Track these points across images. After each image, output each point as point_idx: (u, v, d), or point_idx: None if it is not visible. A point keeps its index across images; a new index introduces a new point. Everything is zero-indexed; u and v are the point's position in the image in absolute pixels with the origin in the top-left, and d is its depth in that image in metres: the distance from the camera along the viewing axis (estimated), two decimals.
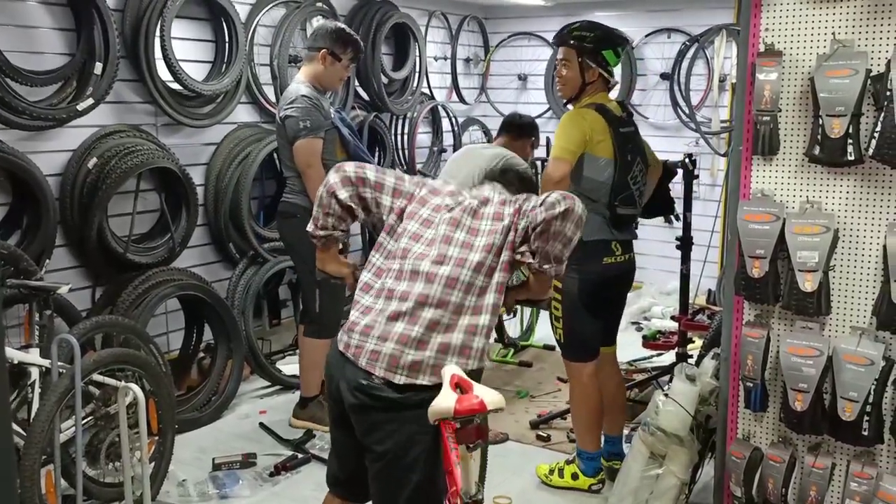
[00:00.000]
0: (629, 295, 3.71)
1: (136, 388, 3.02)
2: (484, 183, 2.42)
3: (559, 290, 3.35)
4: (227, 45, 4.66)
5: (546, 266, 2.21)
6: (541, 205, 2.17)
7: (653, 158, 3.57)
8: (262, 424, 4.18)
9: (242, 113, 4.89)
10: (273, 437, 4.05)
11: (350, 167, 2.32)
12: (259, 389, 4.69)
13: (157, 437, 3.30)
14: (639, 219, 3.56)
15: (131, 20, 4.14)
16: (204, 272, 4.59)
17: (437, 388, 2.04)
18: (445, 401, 1.96)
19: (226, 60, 4.65)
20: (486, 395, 1.97)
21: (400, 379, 2.11)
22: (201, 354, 4.56)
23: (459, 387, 2.01)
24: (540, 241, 2.17)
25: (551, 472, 3.60)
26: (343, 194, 2.28)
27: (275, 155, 4.64)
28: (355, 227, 5.34)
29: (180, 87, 4.33)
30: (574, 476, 3.54)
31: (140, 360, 3.26)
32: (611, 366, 3.60)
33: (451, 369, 2.05)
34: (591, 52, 3.32)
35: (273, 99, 4.95)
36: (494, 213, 2.25)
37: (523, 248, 2.19)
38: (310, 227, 2.38)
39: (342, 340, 2.23)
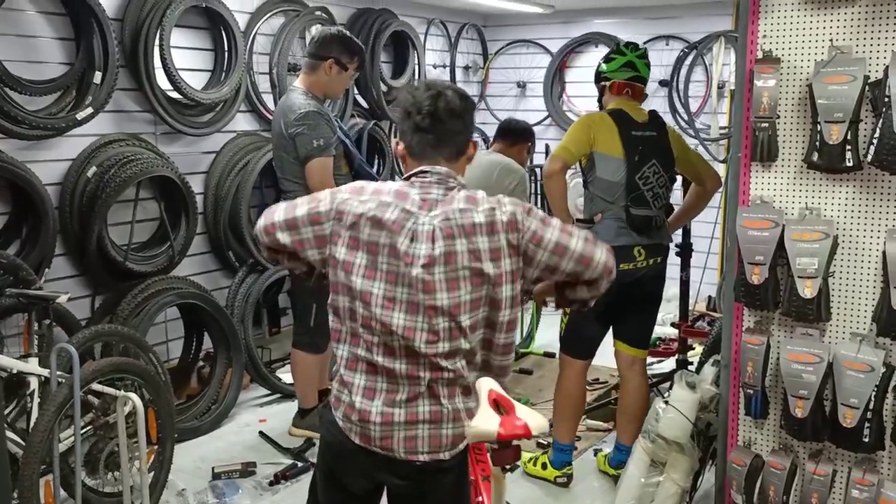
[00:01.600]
0: None
1: (135, 397, 3.02)
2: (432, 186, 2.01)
3: None
4: (226, 53, 4.66)
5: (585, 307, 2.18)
6: (597, 268, 2.00)
7: (703, 168, 3.62)
8: (261, 433, 4.18)
9: (242, 121, 4.90)
10: (273, 445, 4.04)
11: (262, 235, 2.08)
12: (259, 398, 4.68)
13: (156, 447, 3.29)
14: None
15: (130, 29, 4.15)
16: (203, 280, 4.58)
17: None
18: (487, 423, 1.82)
19: (225, 69, 4.66)
20: (530, 419, 1.85)
21: (446, 455, 1.96)
22: (201, 363, 4.56)
23: (498, 404, 1.91)
24: (590, 292, 2.09)
25: (531, 459, 3.75)
26: (283, 239, 2.03)
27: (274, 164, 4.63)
28: None
29: (179, 96, 4.33)
30: (544, 466, 3.68)
31: (139, 370, 3.25)
32: (635, 372, 3.62)
33: (488, 383, 1.96)
34: (596, 71, 3.63)
35: (272, 107, 4.95)
36: (487, 228, 1.93)
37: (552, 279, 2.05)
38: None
39: (355, 431, 1.97)
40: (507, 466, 1.96)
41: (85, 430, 3.05)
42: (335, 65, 3.71)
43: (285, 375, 4.77)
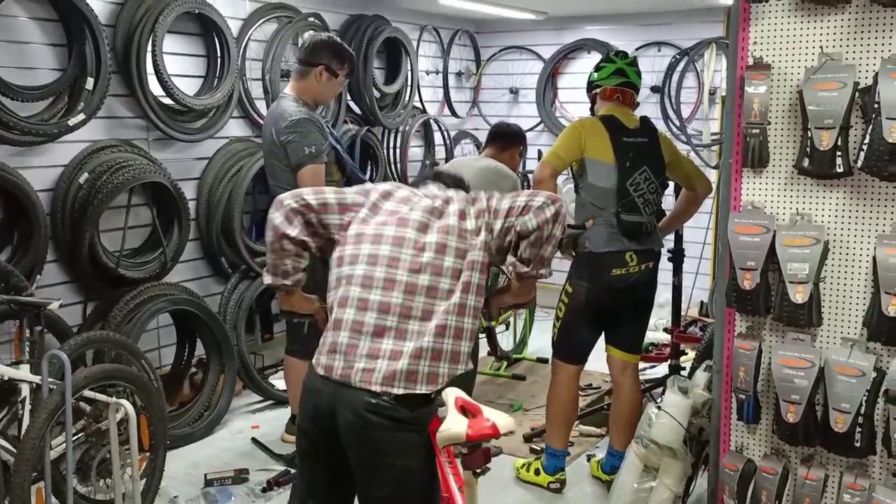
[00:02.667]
0: None
1: (127, 403, 3.01)
2: (428, 183, 2.42)
3: (568, 293, 3.50)
4: (218, 59, 4.66)
5: (541, 270, 2.23)
6: (530, 211, 2.16)
7: (694, 174, 3.65)
8: (254, 440, 4.16)
9: (234, 127, 4.90)
10: (266, 452, 4.03)
11: (288, 199, 2.25)
12: (251, 404, 4.67)
13: (148, 454, 3.28)
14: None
15: (123, 35, 4.15)
16: (196, 287, 4.57)
17: (430, 399, 2.02)
18: (456, 425, 1.89)
19: (217, 75, 4.66)
20: (497, 418, 1.91)
21: (398, 389, 2.05)
22: (193, 369, 4.54)
23: (465, 410, 1.95)
24: (533, 248, 2.18)
25: (524, 465, 3.76)
26: (293, 231, 2.22)
27: (266, 171, 4.63)
28: None
29: (172, 102, 4.33)
30: (537, 472, 3.68)
31: (131, 376, 3.24)
32: (628, 377, 3.64)
33: (454, 392, 2.00)
34: (588, 81, 3.67)
35: (265, 113, 4.94)
36: (458, 212, 2.22)
37: (511, 260, 2.20)
38: (268, 280, 2.30)
39: (322, 364, 2.15)
40: (478, 470, 1.97)
41: (76, 436, 3.03)
42: (325, 71, 3.69)
43: (278, 382, 4.76)
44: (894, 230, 2.38)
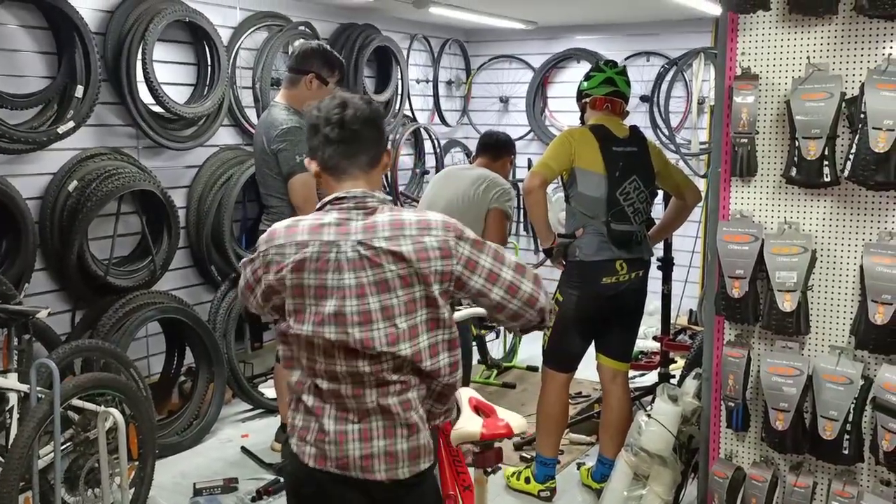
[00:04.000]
0: None
1: (116, 412, 3.00)
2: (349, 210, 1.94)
3: (558, 302, 3.51)
4: (209, 68, 4.67)
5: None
6: (518, 319, 1.94)
7: (683, 183, 3.66)
8: (244, 448, 4.15)
9: (225, 135, 4.90)
10: (255, 461, 4.02)
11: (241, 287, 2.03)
12: (241, 413, 4.66)
13: (137, 463, 3.27)
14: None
15: (113, 43, 4.14)
16: (185, 295, 4.56)
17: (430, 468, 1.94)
18: (471, 424, 1.89)
19: (208, 83, 4.66)
20: (511, 419, 1.92)
21: (404, 474, 1.87)
22: (182, 378, 4.53)
23: (479, 410, 1.96)
24: (513, 321, 1.98)
25: (514, 473, 3.75)
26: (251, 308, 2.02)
27: (257, 179, 4.63)
28: None
29: (162, 110, 4.33)
30: (527, 480, 3.68)
31: (120, 385, 3.23)
32: (618, 385, 3.65)
33: (468, 392, 2.00)
34: (577, 90, 3.68)
35: (256, 122, 4.95)
36: (412, 251, 1.85)
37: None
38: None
39: (309, 454, 1.89)
40: (490, 469, 1.97)
41: (65, 446, 3.02)
42: (316, 79, 3.67)
43: (268, 390, 4.75)
44: (881, 239, 2.40)
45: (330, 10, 5.59)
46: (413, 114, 6.51)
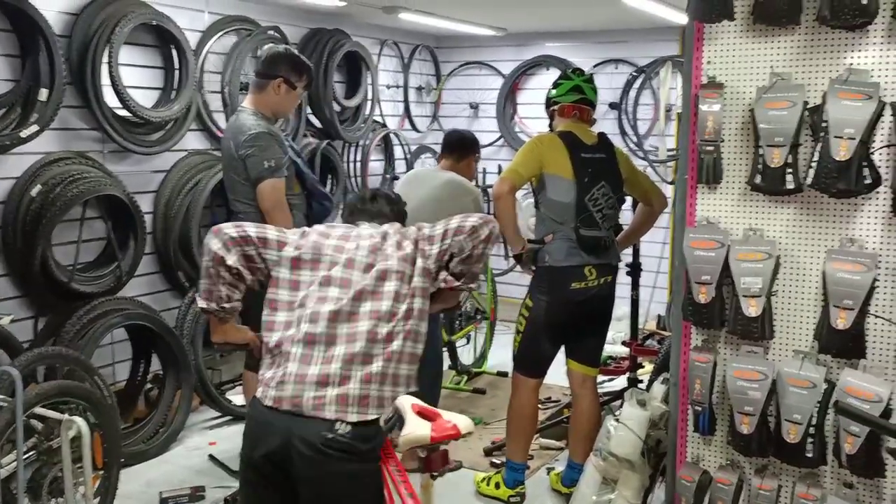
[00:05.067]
0: None
1: (80, 421, 2.95)
2: (361, 223, 2.43)
3: (528, 307, 3.53)
4: (176, 71, 4.62)
5: (471, 284, 2.33)
6: (463, 232, 2.25)
7: (651, 189, 3.72)
8: (211, 457, 4.11)
9: (192, 140, 4.85)
10: (223, 469, 3.98)
11: (229, 228, 2.24)
12: (208, 420, 4.61)
13: (101, 472, 3.22)
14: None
15: (78, 46, 4.09)
16: (152, 301, 4.50)
17: (380, 427, 2.06)
18: (419, 428, 1.92)
19: (175, 87, 4.61)
20: (457, 420, 1.95)
21: (352, 416, 2.06)
22: (149, 385, 4.46)
23: (423, 415, 1.98)
24: (464, 264, 2.27)
25: (483, 479, 3.76)
26: (231, 259, 2.21)
27: (225, 185, 4.60)
28: None
29: (128, 114, 4.27)
30: (497, 485, 3.69)
31: (84, 393, 3.18)
32: (587, 389, 3.67)
33: (408, 399, 2.03)
34: (546, 98, 3.71)
35: (224, 126, 4.91)
36: (396, 243, 2.28)
37: (444, 275, 2.26)
38: (202, 304, 2.28)
39: (270, 396, 2.12)
40: (437, 473, 1.99)
41: (28, 455, 2.96)
42: (284, 83, 3.64)
43: (236, 397, 4.70)
44: (842, 245, 2.45)
45: (299, 14, 5.57)
46: (383, 119, 6.51)
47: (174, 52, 4.59)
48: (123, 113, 4.27)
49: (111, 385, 3.97)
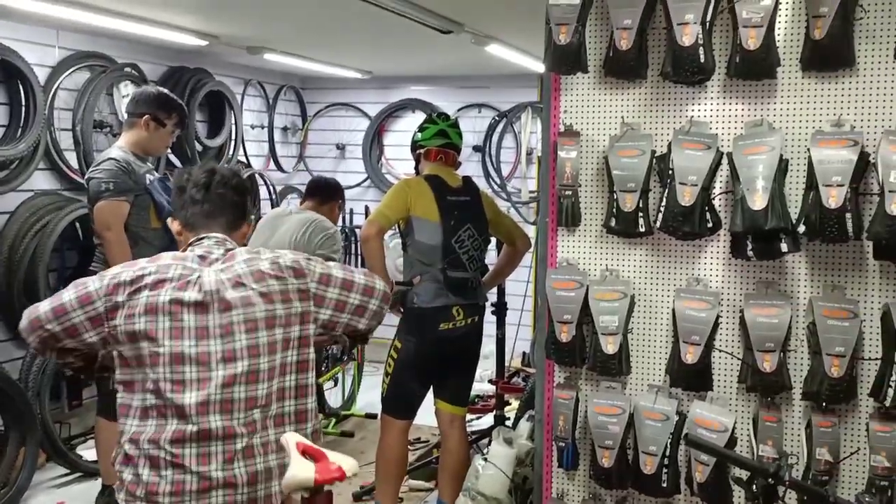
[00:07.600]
0: None
1: None
2: (203, 239, 2.10)
3: (397, 348, 3.54)
4: (23, 108, 4.37)
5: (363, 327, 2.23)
6: (364, 313, 2.17)
7: (514, 230, 3.83)
8: None
9: (40, 180, 4.58)
10: None
11: (24, 323, 2.00)
12: (56, 478, 4.31)
13: None
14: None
15: None
16: None
17: None
18: (303, 471, 1.83)
19: (22, 125, 4.37)
20: (342, 461, 1.88)
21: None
22: None
23: (307, 454, 1.91)
24: (364, 320, 2.20)
25: None
26: (57, 351, 2.00)
27: (77, 224, 4.38)
28: None
29: None
30: None
31: None
32: (456, 429, 3.69)
33: (294, 437, 1.94)
34: (412, 141, 3.77)
35: (76, 166, 4.68)
36: (265, 295, 2.01)
37: (338, 332, 2.19)
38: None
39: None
40: None
41: None
42: (151, 120, 3.70)
43: (86, 452, 4.41)
44: (689, 284, 2.61)
45: (158, 52, 5.41)
46: (248, 159, 6.39)
47: (21, 88, 4.35)
48: None
49: None
